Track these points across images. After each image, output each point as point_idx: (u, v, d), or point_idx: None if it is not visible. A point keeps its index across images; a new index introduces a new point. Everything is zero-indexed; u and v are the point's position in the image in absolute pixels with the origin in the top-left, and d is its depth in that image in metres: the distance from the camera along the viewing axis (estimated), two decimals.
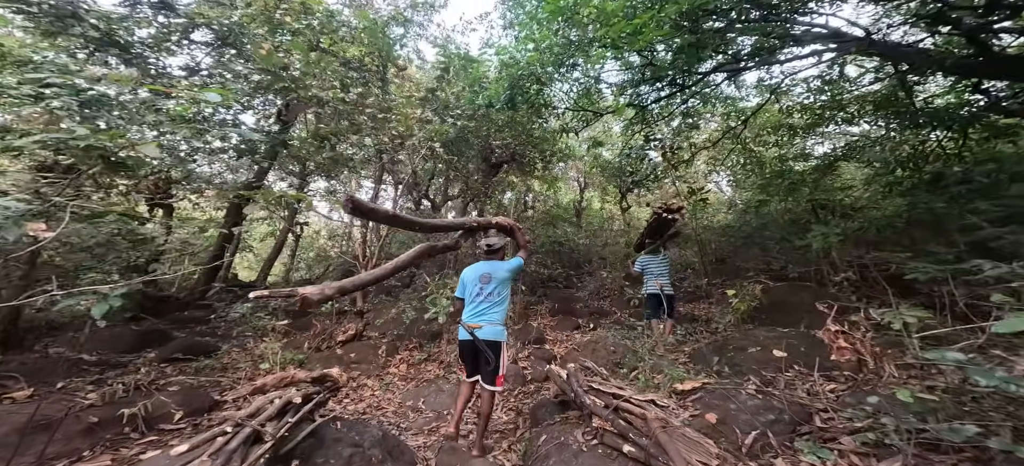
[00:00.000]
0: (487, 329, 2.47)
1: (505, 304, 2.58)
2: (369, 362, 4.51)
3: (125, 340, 4.96)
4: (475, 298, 2.58)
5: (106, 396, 2.90)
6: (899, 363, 2.47)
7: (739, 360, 3.07)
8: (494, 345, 2.50)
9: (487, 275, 2.60)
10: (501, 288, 2.57)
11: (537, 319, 5.82)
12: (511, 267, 2.65)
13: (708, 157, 9.31)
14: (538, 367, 4.30)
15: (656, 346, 3.90)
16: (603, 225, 10.77)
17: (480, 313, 2.53)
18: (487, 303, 2.52)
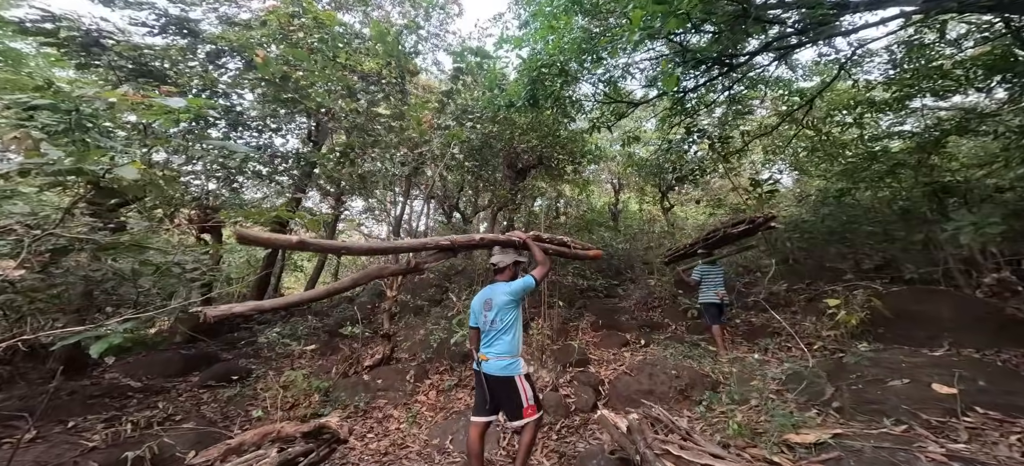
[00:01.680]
0: (492, 363, 2.12)
1: (511, 333, 2.18)
2: (396, 389, 4.05)
3: (174, 364, 4.96)
4: (485, 327, 2.25)
5: (111, 437, 2.64)
6: None
7: (873, 394, 2.15)
8: (503, 383, 2.11)
9: (488, 301, 2.27)
10: (503, 314, 2.18)
11: (578, 336, 5.07)
12: (512, 289, 2.24)
13: (765, 146, 8.06)
14: (583, 394, 3.57)
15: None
16: (644, 228, 9.75)
17: (487, 344, 2.21)
18: (492, 332, 2.19)
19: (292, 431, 2.01)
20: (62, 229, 2.21)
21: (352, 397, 3.85)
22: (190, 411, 3.62)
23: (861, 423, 1.86)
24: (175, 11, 4.39)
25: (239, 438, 1.84)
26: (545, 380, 3.77)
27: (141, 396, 3.97)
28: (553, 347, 4.50)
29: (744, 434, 1.97)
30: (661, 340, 4.66)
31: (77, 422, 2.99)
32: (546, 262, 2.41)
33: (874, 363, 2.45)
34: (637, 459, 1.72)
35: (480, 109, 5.71)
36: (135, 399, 3.82)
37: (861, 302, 3.27)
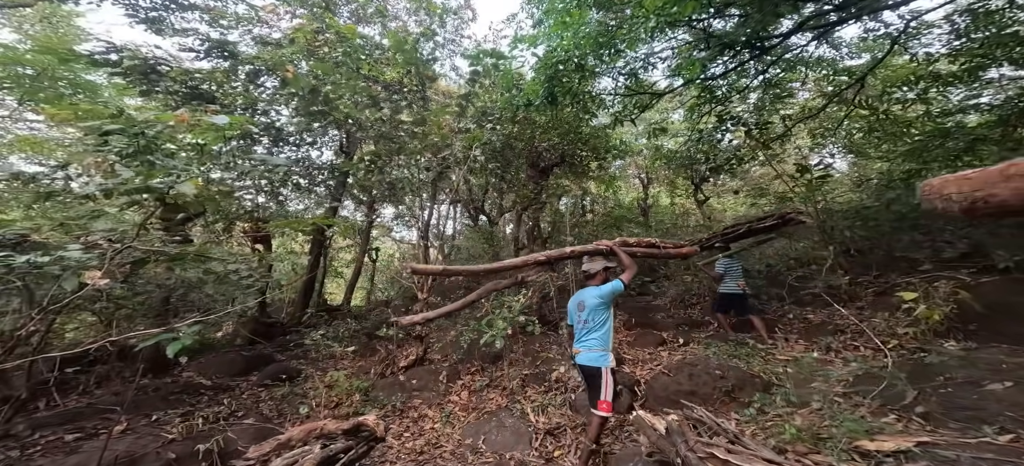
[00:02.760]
0: (583, 354, 2.46)
1: (603, 330, 2.46)
2: (430, 389, 4.12)
3: (237, 364, 5.38)
4: (578, 325, 2.59)
5: (186, 430, 2.90)
6: None
7: (966, 399, 1.85)
8: (591, 371, 2.42)
9: (581, 303, 2.58)
10: (594, 314, 2.47)
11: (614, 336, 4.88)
12: (601, 292, 2.53)
13: (811, 129, 7.37)
14: (619, 396, 3.41)
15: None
16: (677, 222, 9.27)
17: (580, 339, 2.53)
18: (585, 330, 2.50)
19: (334, 428, 2.08)
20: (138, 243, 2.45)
21: (389, 397, 3.96)
22: (251, 408, 3.90)
23: (953, 431, 1.58)
24: (215, 35, 4.80)
25: (288, 434, 1.94)
26: (577, 380, 3.65)
27: (211, 393, 4.35)
28: None
29: (804, 439, 1.75)
30: (702, 339, 4.37)
31: (159, 416, 3.32)
32: (633, 266, 2.64)
33: (966, 363, 2.11)
34: (678, 462, 1.58)
35: (499, 110, 5.72)
36: (206, 396, 4.19)
37: (945, 295, 2.85)
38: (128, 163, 2.22)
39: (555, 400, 3.43)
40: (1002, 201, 1.09)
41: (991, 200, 1.12)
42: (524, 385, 3.85)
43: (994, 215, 1.19)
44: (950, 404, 1.79)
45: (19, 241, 2.02)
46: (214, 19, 5.81)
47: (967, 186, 1.18)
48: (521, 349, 4.61)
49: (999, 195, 1.11)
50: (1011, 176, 1.07)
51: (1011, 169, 1.09)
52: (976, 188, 1.15)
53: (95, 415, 3.20)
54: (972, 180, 1.18)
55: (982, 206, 1.14)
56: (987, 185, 1.12)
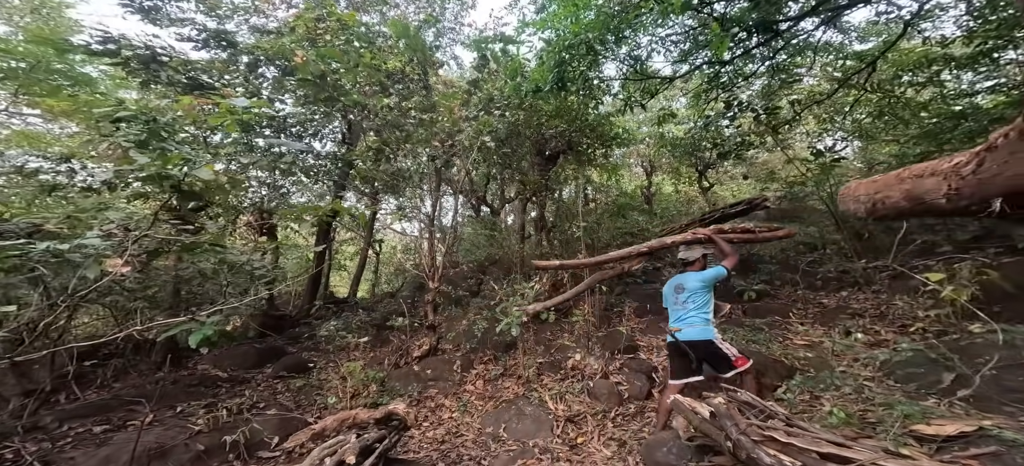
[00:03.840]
0: (687, 331, 2.55)
1: (705, 309, 2.59)
2: (445, 378, 4.09)
3: (251, 357, 5.34)
4: (674, 306, 2.70)
5: (212, 422, 2.86)
6: None
7: (1014, 381, 1.81)
8: (702, 344, 2.52)
9: (680, 286, 2.69)
10: (695, 296, 2.59)
11: (622, 322, 4.86)
12: (703, 277, 2.64)
13: (817, 115, 7.27)
14: (635, 381, 3.40)
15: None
16: (681, 210, 9.21)
17: (680, 319, 2.62)
18: (685, 309, 2.61)
19: (366, 417, 2.04)
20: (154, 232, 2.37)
21: (405, 387, 3.93)
22: (270, 399, 3.87)
23: (1005, 415, 1.55)
24: (212, 24, 4.62)
25: (322, 424, 1.89)
26: (594, 367, 3.63)
27: (228, 385, 4.32)
28: (598, 334, 4.34)
29: (852, 423, 1.72)
30: (717, 324, 4.34)
31: (183, 408, 3.28)
32: (734, 254, 2.70)
33: (1006, 344, 2.06)
34: (729, 446, 1.53)
35: (506, 97, 5.58)
36: (223, 388, 4.16)
37: (968, 276, 2.80)
38: (141, 151, 2.12)
39: (573, 388, 3.40)
40: (895, 202, 1.15)
41: (887, 201, 1.18)
42: (540, 374, 3.82)
43: (891, 215, 1.23)
44: (998, 386, 1.75)
45: (33, 230, 1.94)
46: (210, 8, 5.61)
47: (872, 188, 1.24)
48: (534, 338, 4.59)
49: (893, 197, 1.16)
50: (904, 179, 1.13)
51: (904, 173, 1.15)
52: (878, 190, 1.22)
53: (120, 407, 3.15)
54: (876, 183, 1.24)
55: (880, 207, 1.21)
56: (885, 188, 1.19)
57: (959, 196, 1.00)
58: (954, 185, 1.03)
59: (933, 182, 1.08)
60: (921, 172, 1.13)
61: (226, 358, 5.07)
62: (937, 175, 1.06)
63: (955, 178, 1.02)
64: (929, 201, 1.08)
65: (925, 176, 1.10)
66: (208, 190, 2.73)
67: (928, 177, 1.10)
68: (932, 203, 1.08)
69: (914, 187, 1.13)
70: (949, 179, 1.03)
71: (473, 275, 8.16)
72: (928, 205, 1.10)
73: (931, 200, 1.07)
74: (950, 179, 1.03)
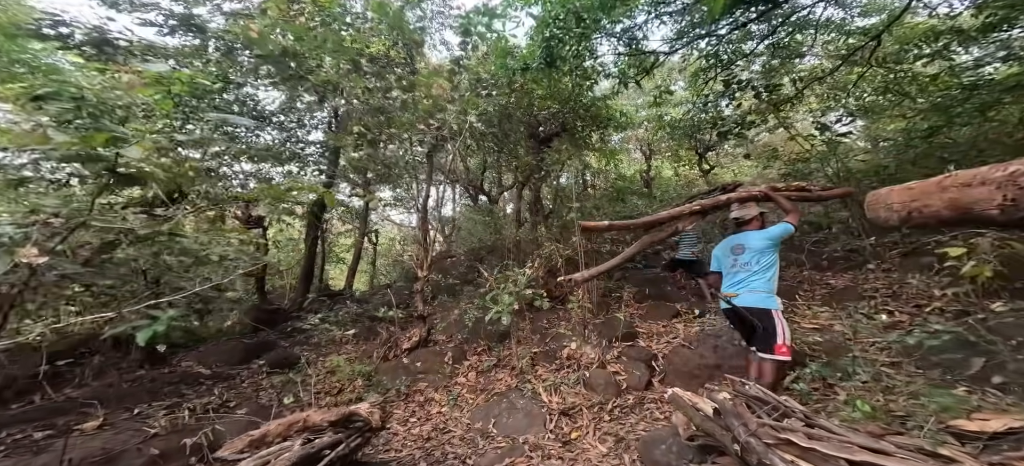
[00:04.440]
0: (746, 296, 2.30)
1: (769, 273, 2.31)
2: (436, 371, 3.86)
3: (238, 353, 5.11)
4: (731, 270, 2.46)
5: (171, 424, 2.64)
6: None
7: None
8: (760, 312, 2.25)
9: (739, 246, 2.44)
10: (759, 257, 2.32)
11: (621, 308, 4.62)
12: (769, 235, 2.36)
13: (818, 93, 6.90)
14: (635, 371, 3.16)
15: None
16: (681, 192, 8.90)
17: (737, 283, 2.38)
18: (743, 272, 2.35)
19: (319, 420, 1.80)
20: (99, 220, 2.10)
21: (393, 380, 3.71)
22: (249, 397, 3.66)
23: None
24: (180, 8, 4.25)
25: (264, 429, 1.66)
26: (590, 356, 3.40)
27: (210, 382, 4.10)
28: (595, 321, 4.10)
29: (878, 418, 1.47)
30: (718, 309, 4.09)
31: (142, 409, 3.06)
32: (796, 209, 2.46)
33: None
34: (736, 448, 1.28)
35: (494, 77, 5.23)
36: (204, 386, 3.94)
37: (989, 250, 2.53)
38: (65, 130, 1.82)
39: (568, 379, 3.17)
40: (935, 211, 1.10)
41: (926, 210, 1.12)
42: (534, 364, 3.59)
43: (927, 224, 1.20)
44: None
45: None
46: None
47: (907, 196, 1.18)
48: (529, 326, 4.35)
49: (933, 206, 1.11)
50: (946, 187, 1.07)
51: (946, 180, 1.08)
52: (914, 198, 1.15)
53: (74, 410, 2.93)
54: (912, 191, 1.18)
55: (917, 216, 1.15)
56: (923, 196, 1.13)
57: (1017, 208, 0.91)
58: (1011, 196, 0.92)
59: (984, 191, 0.98)
60: (969, 180, 1.03)
61: (212, 354, 4.86)
62: (989, 184, 0.97)
63: (1012, 188, 0.91)
64: (978, 212, 1.00)
65: (974, 185, 1.01)
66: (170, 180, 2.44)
67: (977, 186, 1.00)
68: (981, 214, 1.00)
69: (960, 196, 1.04)
70: (1004, 188, 0.93)
71: (470, 263, 7.94)
72: (976, 216, 1.02)
73: (980, 211, 0.99)
74: (1006, 188, 0.93)
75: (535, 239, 5.92)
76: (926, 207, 1.13)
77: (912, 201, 1.17)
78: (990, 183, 0.96)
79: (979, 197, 0.99)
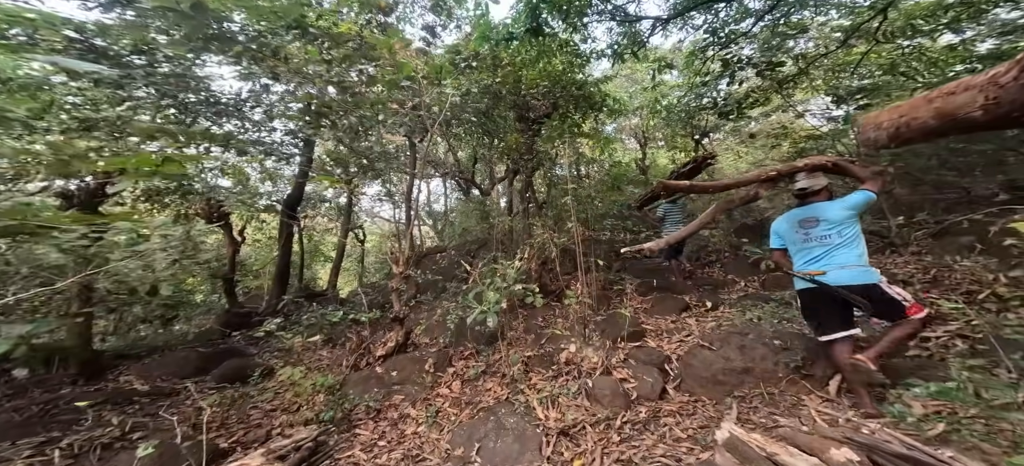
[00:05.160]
0: (838, 273, 1.98)
1: (857, 244, 2.04)
2: (414, 380, 3.29)
3: (191, 364, 4.45)
4: (804, 246, 2.16)
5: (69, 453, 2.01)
6: None
7: None
8: (865, 289, 1.92)
9: (811, 219, 2.15)
10: (842, 229, 2.04)
11: (625, 303, 4.09)
12: (852, 203, 2.06)
13: (827, 69, 6.46)
14: (646, 377, 2.63)
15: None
16: None
17: (816, 259, 2.09)
18: (823, 247, 2.07)
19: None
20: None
21: (363, 393, 3.12)
22: (187, 417, 3.04)
23: None
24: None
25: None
26: (593, 361, 2.86)
27: (147, 400, 3.48)
28: (596, 318, 3.55)
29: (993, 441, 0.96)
30: (733, 300, 3.59)
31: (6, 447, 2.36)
32: (876, 177, 2.16)
33: None
34: None
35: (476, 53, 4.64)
36: (137, 405, 3.32)
37: None
38: None
39: (567, 389, 2.63)
40: (922, 122, 1.22)
41: (914, 123, 1.25)
42: (527, 370, 3.04)
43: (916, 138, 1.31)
44: None
45: None
46: None
47: (896, 113, 1.33)
48: (522, 325, 3.80)
49: (920, 117, 1.22)
50: (933, 99, 1.19)
51: (933, 94, 1.20)
52: (903, 114, 1.29)
53: None
54: (901, 108, 1.33)
55: (905, 130, 1.29)
56: (911, 111, 1.26)
57: (998, 105, 1.01)
58: (992, 95, 1.03)
59: (967, 96, 1.09)
60: (953, 89, 1.14)
61: (161, 366, 4.20)
62: (971, 89, 1.07)
63: (993, 88, 1.02)
64: (962, 116, 1.10)
65: (958, 93, 1.11)
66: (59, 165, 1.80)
67: (961, 93, 1.11)
68: (966, 117, 1.10)
69: (945, 104, 1.15)
70: (985, 90, 1.04)
71: (460, 258, 7.38)
72: (961, 120, 1.12)
73: (965, 114, 1.09)
74: (987, 90, 1.04)
75: (527, 228, 5.37)
76: (915, 120, 1.23)
77: (900, 117, 1.27)
78: (973, 88, 1.05)
79: (963, 102, 1.08)
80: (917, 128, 1.25)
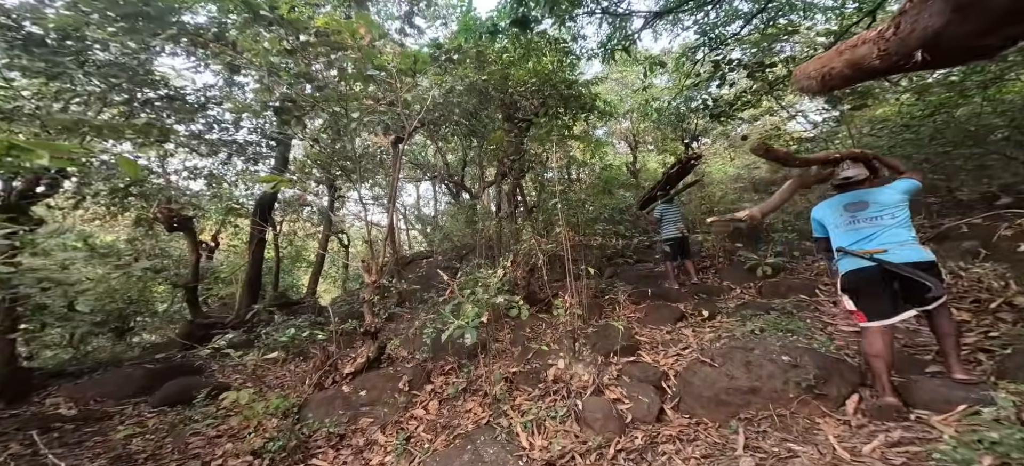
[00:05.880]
0: (899, 251, 1.89)
1: (908, 226, 1.98)
2: (386, 401, 2.94)
3: (132, 383, 3.98)
4: (850, 227, 2.08)
5: None
6: None
7: None
8: (927, 265, 1.87)
9: (860, 202, 2.09)
10: (895, 211, 2.00)
11: (616, 312, 3.82)
12: (902, 188, 2.04)
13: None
14: (641, 396, 2.37)
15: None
16: None
17: (868, 238, 2.00)
18: (875, 227, 2.00)
19: None
20: None
21: (325, 417, 2.76)
22: (114, 447, 2.62)
23: None
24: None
25: None
26: (583, 378, 2.57)
27: (72, 426, 3.04)
28: (586, 330, 3.27)
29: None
30: (731, 309, 3.36)
31: None
32: (916, 170, 2.31)
33: None
34: None
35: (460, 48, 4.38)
36: (56, 433, 2.88)
37: None
38: None
39: (555, 411, 2.33)
40: (839, 71, 1.32)
41: (833, 72, 1.33)
42: (511, 389, 2.74)
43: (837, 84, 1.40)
44: None
45: None
46: None
47: (818, 64, 1.40)
48: (508, 336, 3.50)
49: (837, 67, 1.32)
50: (842, 51, 1.32)
51: (842, 46, 1.33)
52: (824, 64, 1.37)
53: None
54: (821, 59, 1.41)
55: (829, 78, 1.36)
56: (829, 62, 1.35)
57: (888, 55, 1.16)
58: (882, 47, 1.17)
59: (866, 48, 1.22)
60: (855, 43, 1.28)
61: (95, 386, 3.72)
62: (868, 42, 1.22)
63: (882, 41, 1.17)
64: (866, 65, 1.24)
65: (859, 45, 1.25)
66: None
67: (861, 45, 1.24)
68: (869, 66, 1.24)
69: (852, 55, 1.28)
70: (877, 44, 1.18)
71: (448, 263, 7.04)
72: (866, 68, 1.26)
73: (867, 63, 1.23)
74: (878, 44, 1.18)
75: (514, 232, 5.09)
76: (833, 70, 1.33)
77: (822, 67, 1.37)
78: (868, 41, 1.22)
79: (864, 53, 1.23)
80: (837, 75, 1.34)
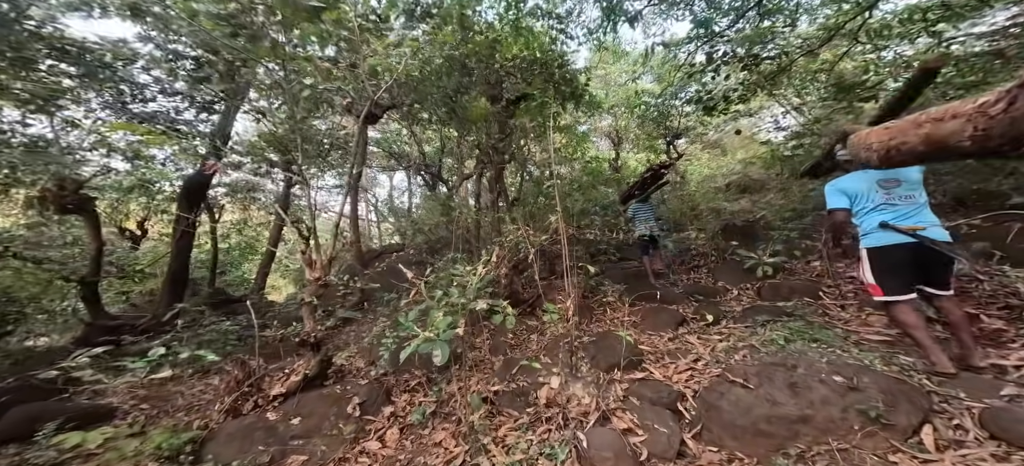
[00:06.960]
0: (937, 231, 1.87)
1: (929, 206, 1.95)
2: (327, 430, 2.25)
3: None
4: (885, 203, 1.96)
5: None
6: None
7: None
8: (948, 245, 1.86)
9: (893, 179, 1.97)
10: (921, 191, 1.97)
11: (609, 315, 3.35)
12: (920, 167, 1.97)
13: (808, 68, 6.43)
14: (656, 425, 1.88)
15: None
16: None
17: (904, 215, 1.92)
18: (911, 205, 1.93)
19: None
20: None
21: (237, 455, 2.02)
22: None
23: None
24: None
25: None
26: (584, 401, 2.05)
27: None
28: (582, 338, 2.75)
29: None
30: (737, 313, 2.99)
31: None
32: None
33: None
34: None
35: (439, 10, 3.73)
36: None
37: None
38: None
39: (550, 446, 1.78)
40: (912, 147, 1.20)
41: (904, 147, 1.23)
42: (493, 414, 2.16)
43: (907, 161, 1.30)
44: None
45: None
46: None
47: (885, 135, 1.31)
48: (488, 343, 2.92)
49: (910, 142, 1.21)
50: (921, 124, 1.17)
51: (921, 117, 1.18)
52: (892, 137, 1.28)
53: None
54: (890, 130, 1.31)
55: (895, 154, 1.28)
56: (900, 134, 1.24)
57: (987, 137, 1.00)
58: (981, 126, 1.00)
59: (955, 125, 1.06)
60: (941, 116, 1.12)
61: None
62: (959, 117, 1.05)
63: (982, 119, 1.00)
64: (952, 144, 1.08)
65: (946, 120, 1.09)
66: None
67: (949, 120, 1.08)
68: (955, 146, 1.08)
69: (934, 131, 1.13)
70: (974, 120, 1.02)
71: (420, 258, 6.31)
72: (951, 148, 1.10)
73: (954, 143, 1.07)
74: (975, 120, 1.02)
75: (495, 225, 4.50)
76: (904, 144, 1.22)
77: (890, 140, 1.27)
78: (960, 116, 1.03)
79: (952, 130, 1.06)
80: (907, 152, 1.24)
